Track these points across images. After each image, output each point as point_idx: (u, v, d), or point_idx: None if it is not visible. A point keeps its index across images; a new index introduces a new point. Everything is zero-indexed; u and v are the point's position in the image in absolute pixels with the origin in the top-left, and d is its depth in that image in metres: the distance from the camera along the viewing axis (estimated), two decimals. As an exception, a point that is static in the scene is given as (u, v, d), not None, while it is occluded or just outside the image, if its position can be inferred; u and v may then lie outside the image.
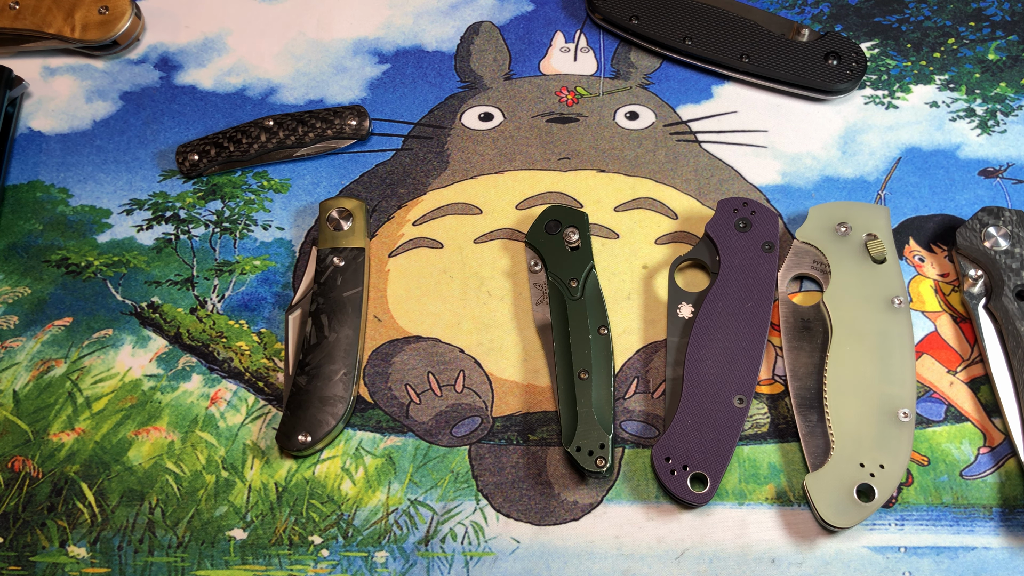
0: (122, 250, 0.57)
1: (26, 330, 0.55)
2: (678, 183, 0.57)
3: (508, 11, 0.63)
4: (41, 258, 0.57)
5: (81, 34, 0.60)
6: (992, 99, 0.58)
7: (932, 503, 0.48)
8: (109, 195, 0.58)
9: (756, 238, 0.52)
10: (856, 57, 0.57)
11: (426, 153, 0.59)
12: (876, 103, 0.59)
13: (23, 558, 0.49)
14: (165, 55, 0.63)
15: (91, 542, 0.49)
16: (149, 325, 0.55)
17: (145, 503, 0.50)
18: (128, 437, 0.51)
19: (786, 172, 0.57)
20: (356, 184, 0.58)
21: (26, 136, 0.61)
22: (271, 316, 0.54)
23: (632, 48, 0.61)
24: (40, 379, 0.53)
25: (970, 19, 0.61)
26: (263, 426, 0.51)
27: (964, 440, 0.50)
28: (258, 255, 0.56)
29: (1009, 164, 0.56)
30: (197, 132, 0.60)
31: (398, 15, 0.63)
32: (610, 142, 0.58)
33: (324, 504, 0.49)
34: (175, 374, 0.53)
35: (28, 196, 0.59)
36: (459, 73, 0.61)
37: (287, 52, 0.62)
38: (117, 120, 0.61)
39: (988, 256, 0.51)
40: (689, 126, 0.59)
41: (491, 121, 0.59)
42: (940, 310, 0.53)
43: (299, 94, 0.61)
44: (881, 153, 0.57)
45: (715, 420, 0.48)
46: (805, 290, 0.53)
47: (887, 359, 0.48)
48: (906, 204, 0.56)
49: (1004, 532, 0.47)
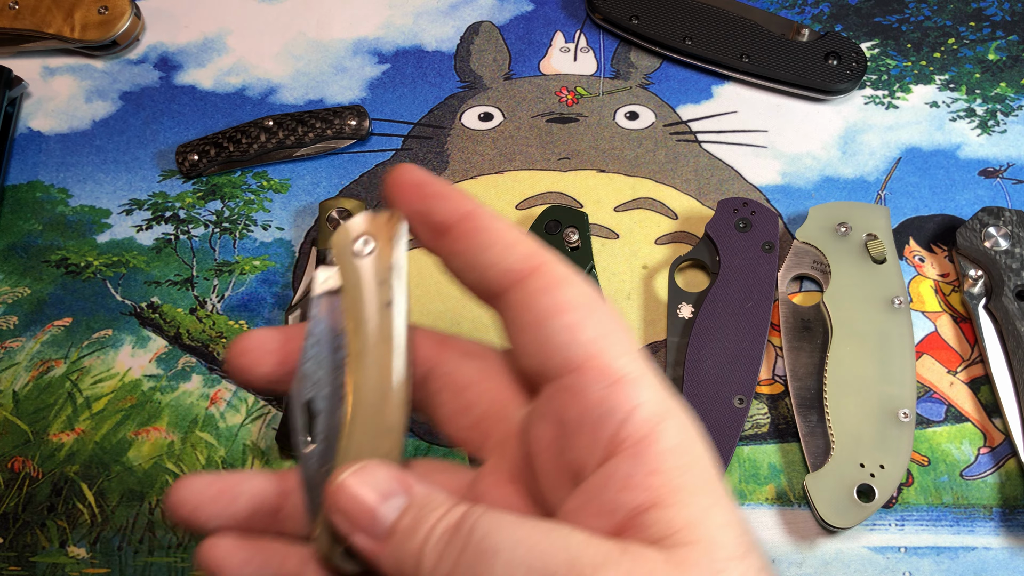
0: (122, 250, 0.57)
1: (26, 330, 0.55)
2: (678, 183, 0.57)
3: (508, 11, 0.63)
4: (41, 258, 0.57)
5: (80, 34, 0.60)
6: (992, 99, 0.58)
7: (932, 503, 0.48)
8: (109, 195, 0.58)
9: (756, 238, 0.52)
10: (856, 57, 0.57)
11: (426, 153, 0.59)
12: (876, 103, 0.59)
13: (23, 558, 0.49)
14: (165, 55, 0.63)
15: (91, 542, 0.49)
16: (149, 325, 0.54)
17: (145, 503, 0.50)
18: (128, 437, 0.51)
19: (786, 172, 0.57)
20: (356, 184, 0.58)
21: (25, 136, 0.61)
22: (271, 316, 0.54)
23: (632, 48, 0.61)
24: (40, 379, 0.53)
25: (970, 19, 0.61)
26: (263, 426, 0.51)
27: (964, 440, 0.50)
28: (258, 255, 0.56)
29: (1009, 164, 0.56)
30: (197, 132, 0.60)
31: (398, 15, 0.63)
32: (610, 142, 0.58)
33: (324, 504, 0.49)
34: (175, 374, 0.53)
35: (27, 196, 0.59)
36: (459, 73, 0.61)
37: (287, 52, 0.62)
38: (117, 120, 0.61)
39: (988, 256, 0.51)
40: (689, 126, 0.59)
41: (491, 121, 0.59)
42: (940, 310, 0.53)
43: (299, 94, 0.61)
44: (881, 153, 0.57)
45: (715, 420, 0.48)
46: (805, 290, 0.53)
47: (887, 359, 0.48)
48: (906, 204, 0.56)
49: (1004, 532, 0.47)
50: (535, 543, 0.23)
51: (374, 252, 0.28)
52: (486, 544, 0.23)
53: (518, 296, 0.26)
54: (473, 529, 0.23)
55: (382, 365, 0.28)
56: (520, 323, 0.26)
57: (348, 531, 0.25)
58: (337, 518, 0.25)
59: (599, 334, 0.25)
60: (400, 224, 0.28)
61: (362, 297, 0.28)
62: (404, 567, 0.24)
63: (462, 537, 0.23)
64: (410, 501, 0.25)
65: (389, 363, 0.28)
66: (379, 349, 0.28)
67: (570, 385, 0.25)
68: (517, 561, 0.22)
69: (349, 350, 0.28)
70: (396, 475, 0.26)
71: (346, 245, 0.28)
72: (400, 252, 0.28)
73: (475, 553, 0.23)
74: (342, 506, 0.25)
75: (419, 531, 0.24)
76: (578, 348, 0.25)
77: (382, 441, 0.28)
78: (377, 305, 0.28)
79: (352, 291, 0.28)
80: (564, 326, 0.25)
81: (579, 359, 0.25)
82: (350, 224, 0.28)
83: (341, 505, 0.25)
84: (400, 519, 0.25)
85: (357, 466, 0.26)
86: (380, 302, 0.28)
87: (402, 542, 0.24)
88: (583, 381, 0.25)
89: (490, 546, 0.23)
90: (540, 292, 0.26)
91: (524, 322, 0.26)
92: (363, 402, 0.28)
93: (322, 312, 0.28)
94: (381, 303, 0.28)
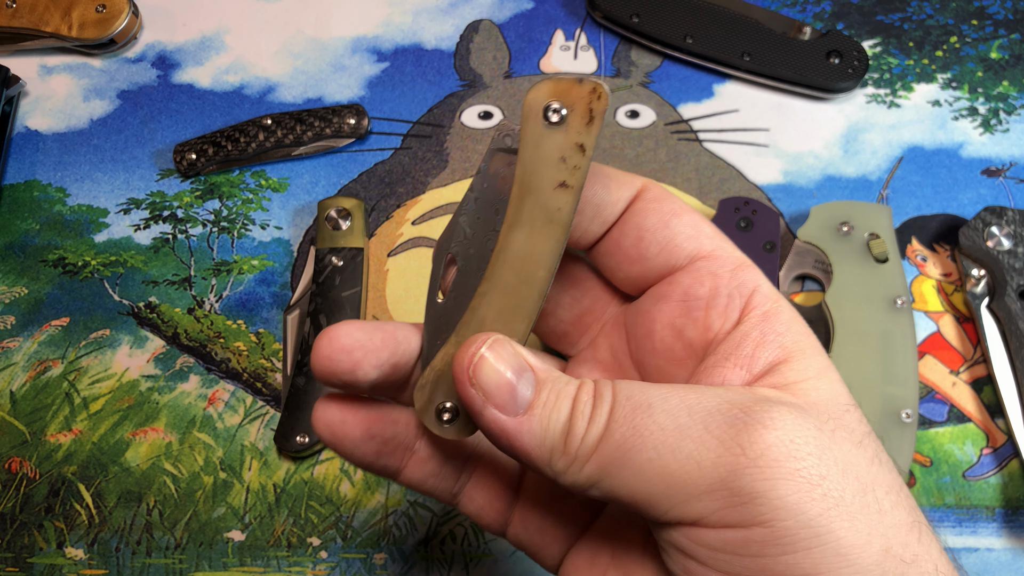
0: (119, 250, 0.56)
1: (23, 330, 0.54)
2: (679, 182, 0.56)
3: (508, 9, 0.63)
4: (38, 258, 0.56)
5: (78, 32, 0.60)
6: (995, 98, 0.58)
7: (935, 504, 0.48)
8: (106, 194, 0.58)
9: (757, 237, 0.51)
10: (858, 55, 0.57)
11: (425, 152, 0.58)
12: (878, 102, 0.58)
13: (20, 559, 0.49)
14: (162, 53, 0.62)
15: (89, 543, 0.49)
16: (146, 325, 0.54)
17: (143, 504, 0.50)
18: (125, 438, 0.51)
19: (788, 171, 0.57)
20: (355, 183, 0.58)
21: (23, 135, 0.60)
22: (269, 316, 0.54)
23: (633, 46, 0.61)
24: (37, 379, 0.53)
25: (972, 17, 0.61)
26: (261, 427, 0.51)
27: (967, 441, 0.49)
28: (256, 255, 0.56)
29: (1012, 163, 0.56)
30: (195, 131, 0.60)
31: (397, 13, 0.63)
32: (611, 141, 0.58)
33: (323, 505, 0.49)
34: (173, 374, 0.53)
35: (25, 195, 0.58)
36: (458, 71, 0.61)
37: (285, 50, 0.62)
38: (114, 119, 0.60)
39: (991, 256, 0.51)
40: (690, 125, 0.58)
41: (491, 120, 0.59)
42: (943, 310, 0.52)
43: (297, 92, 0.61)
44: (883, 152, 0.57)
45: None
46: (807, 290, 0.53)
47: (889, 359, 0.48)
48: (908, 203, 0.55)
49: (1007, 533, 0.47)
50: (684, 394, 0.25)
51: (563, 123, 0.26)
52: (637, 400, 0.25)
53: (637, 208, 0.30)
54: (616, 392, 0.25)
55: (536, 247, 0.27)
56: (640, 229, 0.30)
57: (480, 407, 0.26)
58: (470, 392, 0.26)
59: (714, 230, 0.30)
60: (601, 102, 0.26)
61: (538, 170, 0.26)
62: (549, 437, 0.25)
63: (607, 402, 0.25)
64: (539, 377, 0.26)
65: (544, 248, 0.27)
66: (538, 230, 0.27)
67: (700, 268, 0.29)
68: (674, 408, 0.25)
69: (508, 218, 0.27)
70: (521, 352, 0.27)
71: (537, 106, 0.26)
72: (592, 133, 0.26)
73: (630, 410, 0.25)
74: (481, 381, 0.26)
75: (563, 403, 0.26)
76: (705, 240, 0.30)
77: (513, 322, 0.27)
78: (550, 182, 0.26)
79: (529, 158, 0.26)
80: (689, 223, 0.30)
81: (707, 248, 0.30)
82: (546, 85, 0.26)
83: (480, 380, 0.26)
84: (539, 394, 0.26)
85: (491, 339, 0.26)
86: (555, 180, 0.26)
87: (548, 415, 0.26)
88: (714, 264, 0.29)
89: (642, 401, 0.25)
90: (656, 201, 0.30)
91: (646, 226, 0.30)
92: (504, 277, 0.27)
93: (492, 168, 0.27)
94: (555, 181, 0.26)
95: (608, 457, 0.25)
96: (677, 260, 0.30)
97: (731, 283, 0.29)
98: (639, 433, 0.25)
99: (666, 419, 0.25)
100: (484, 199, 0.28)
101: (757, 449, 0.24)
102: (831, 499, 0.24)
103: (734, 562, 0.24)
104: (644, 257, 0.30)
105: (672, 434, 0.24)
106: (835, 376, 0.28)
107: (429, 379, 0.28)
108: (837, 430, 0.25)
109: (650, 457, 0.24)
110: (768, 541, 0.24)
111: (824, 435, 0.25)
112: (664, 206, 0.30)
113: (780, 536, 0.24)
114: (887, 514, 0.25)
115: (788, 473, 0.24)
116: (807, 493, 0.24)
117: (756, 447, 0.24)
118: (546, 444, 0.25)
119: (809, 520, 0.24)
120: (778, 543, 0.24)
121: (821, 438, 0.25)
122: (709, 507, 0.24)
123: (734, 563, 0.24)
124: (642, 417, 0.25)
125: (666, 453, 0.24)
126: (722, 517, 0.24)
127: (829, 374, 0.27)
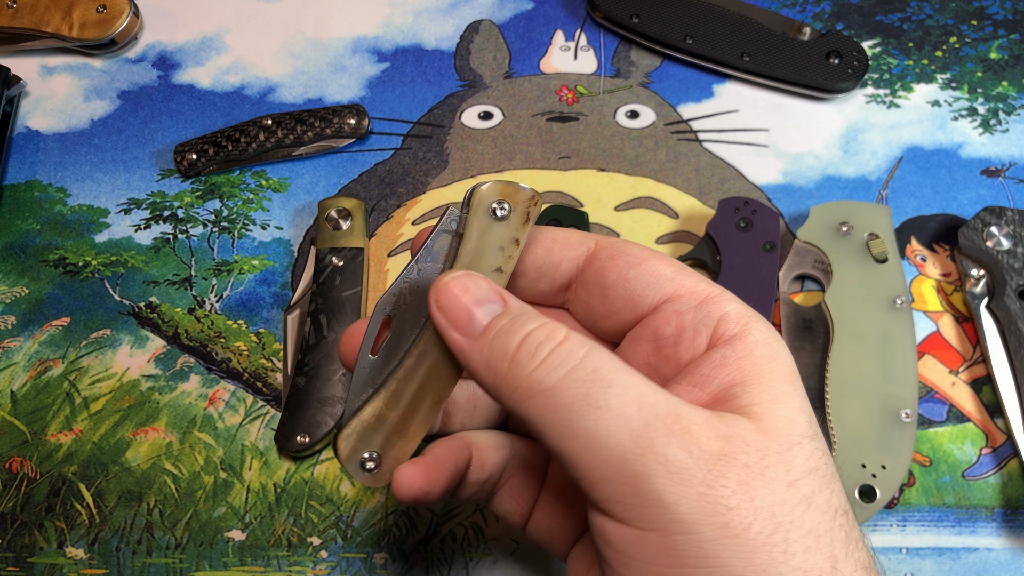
0: (120, 250, 0.56)
1: (24, 330, 0.54)
2: (679, 182, 0.56)
3: (508, 9, 0.63)
4: (39, 258, 0.56)
5: (79, 33, 0.60)
6: (994, 98, 0.58)
7: (934, 504, 0.48)
8: (107, 194, 0.58)
9: (757, 238, 0.52)
10: (858, 56, 0.57)
11: (425, 152, 0.58)
12: (878, 102, 0.58)
13: (21, 559, 0.49)
14: (163, 54, 0.63)
15: (89, 543, 0.49)
16: (147, 325, 0.54)
17: (143, 504, 0.50)
18: (126, 438, 0.51)
19: (787, 171, 0.57)
20: (355, 183, 0.58)
21: (24, 135, 0.60)
22: (269, 316, 0.54)
23: (632, 46, 0.61)
24: (38, 379, 0.53)
25: (972, 18, 0.61)
26: (261, 427, 0.51)
27: (966, 441, 0.49)
28: (256, 255, 0.56)
29: (1011, 163, 0.56)
30: (195, 131, 0.60)
31: (397, 13, 0.63)
32: (610, 141, 0.58)
33: (323, 505, 0.49)
34: (173, 374, 0.53)
35: (26, 195, 0.58)
36: (459, 72, 0.61)
37: (286, 51, 0.62)
38: (115, 119, 0.61)
39: (990, 256, 0.51)
40: (690, 125, 0.58)
41: (491, 120, 0.59)
42: (942, 310, 0.53)
43: (298, 93, 0.61)
44: (883, 152, 0.57)
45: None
46: (806, 290, 0.53)
47: (889, 359, 0.48)
48: (908, 203, 0.55)
49: (1006, 533, 0.47)
50: (646, 391, 0.26)
51: (506, 219, 0.30)
52: (600, 375, 0.26)
53: (596, 268, 0.32)
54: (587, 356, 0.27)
55: None
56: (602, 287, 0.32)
57: (444, 327, 0.29)
58: (436, 315, 0.29)
59: (675, 270, 0.31)
60: (537, 208, 0.31)
61: (481, 254, 0.31)
62: (493, 361, 0.28)
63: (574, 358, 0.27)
64: (505, 309, 0.29)
65: None
66: None
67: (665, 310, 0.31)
68: (629, 399, 0.26)
69: None
70: (495, 287, 0.29)
71: (487, 202, 0.30)
72: (526, 231, 0.31)
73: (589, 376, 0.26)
74: (443, 304, 0.29)
75: (515, 333, 0.28)
76: (665, 283, 0.31)
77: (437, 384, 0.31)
78: (489, 266, 0.31)
79: (471, 243, 0.31)
80: (646, 271, 0.31)
81: (668, 291, 0.31)
82: (496, 186, 0.30)
83: (442, 303, 0.29)
84: (495, 321, 0.28)
85: (458, 273, 0.29)
86: (492, 264, 0.31)
87: (495, 339, 0.28)
88: (678, 303, 0.31)
89: (604, 377, 0.26)
90: (612, 258, 0.32)
91: (607, 283, 0.32)
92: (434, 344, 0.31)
93: (437, 247, 0.31)
94: (493, 266, 0.31)
95: (552, 407, 0.26)
96: (642, 308, 0.32)
97: (695, 317, 0.30)
98: (588, 402, 0.26)
99: (617, 403, 0.26)
100: (426, 273, 0.31)
101: (679, 464, 0.25)
102: (731, 529, 0.25)
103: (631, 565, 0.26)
104: (613, 312, 0.32)
105: (615, 419, 0.26)
106: (795, 404, 0.28)
107: (355, 430, 0.31)
108: (770, 467, 0.26)
109: (587, 426, 0.26)
110: (660, 549, 0.25)
111: (752, 471, 0.26)
112: (620, 261, 0.32)
113: (670, 548, 0.25)
114: (795, 557, 0.25)
115: (697, 495, 0.25)
116: (708, 517, 0.25)
117: (679, 462, 0.25)
118: (490, 365, 0.28)
119: (701, 541, 0.25)
120: (669, 554, 0.25)
121: (746, 473, 0.25)
122: (615, 494, 0.26)
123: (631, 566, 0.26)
124: (598, 390, 0.26)
125: (602, 431, 0.26)
126: (624, 511, 0.26)
127: (787, 401, 0.28)
